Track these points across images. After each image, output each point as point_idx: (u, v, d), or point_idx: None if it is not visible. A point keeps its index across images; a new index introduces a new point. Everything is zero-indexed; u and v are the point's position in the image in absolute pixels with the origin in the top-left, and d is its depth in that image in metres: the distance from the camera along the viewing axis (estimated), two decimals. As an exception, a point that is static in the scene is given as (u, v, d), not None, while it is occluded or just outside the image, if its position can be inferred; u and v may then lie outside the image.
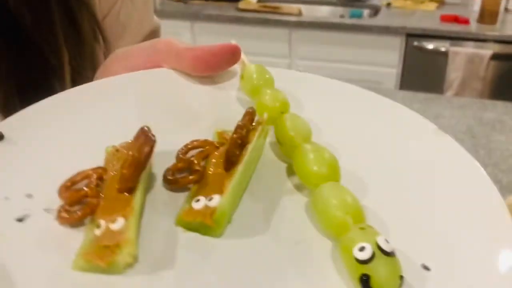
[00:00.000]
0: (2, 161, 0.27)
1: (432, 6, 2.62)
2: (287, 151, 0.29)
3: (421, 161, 0.29)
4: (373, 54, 2.47)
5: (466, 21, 2.36)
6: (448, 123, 1.26)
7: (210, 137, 0.29)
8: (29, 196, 0.25)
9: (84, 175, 0.26)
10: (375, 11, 2.65)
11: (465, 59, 2.27)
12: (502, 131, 1.21)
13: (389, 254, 0.21)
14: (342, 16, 2.62)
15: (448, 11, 2.53)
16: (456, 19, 2.38)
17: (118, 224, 0.23)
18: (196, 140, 0.29)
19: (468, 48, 2.29)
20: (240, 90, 0.35)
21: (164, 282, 0.22)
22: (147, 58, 0.36)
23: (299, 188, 0.27)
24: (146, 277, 0.22)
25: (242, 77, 0.35)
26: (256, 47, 2.61)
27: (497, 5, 2.33)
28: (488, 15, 2.34)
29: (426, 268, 0.23)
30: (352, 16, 2.58)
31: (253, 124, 0.29)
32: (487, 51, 2.25)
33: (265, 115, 0.29)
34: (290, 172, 0.28)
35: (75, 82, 0.47)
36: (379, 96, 0.36)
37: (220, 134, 0.30)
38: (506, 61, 2.29)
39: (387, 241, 0.22)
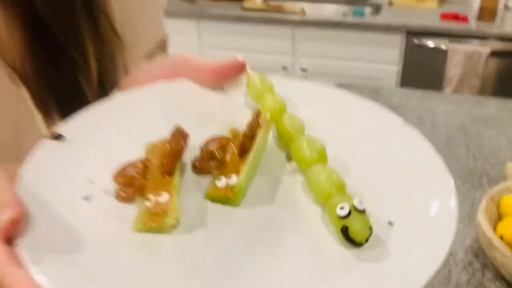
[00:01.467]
0: (66, 155, 0.35)
1: (433, 4, 2.67)
2: (286, 142, 0.38)
3: (387, 145, 0.38)
4: (374, 52, 2.53)
5: (465, 19, 2.41)
6: (442, 119, 1.32)
7: (225, 134, 0.38)
8: (90, 182, 0.34)
9: (132, 164, 0.34)
10: (377, 9, 2.70)
11: (463, 56, 2.33)
12: (493, 127, 1.27)
13: (361, 212, 0.30)
14: (344, 15, 2.68)
15: (448, 9, 2.58)
16: (456, 17, 2.43)
17: (164, 197, 0.32)
18: (214, 136, 0.38)
19: (467, 46, 2.35)
20: (247, 96, 0.44)
21: (199, 238, 0.30)
22: (169, 71, 0.44)
23: (295, 170, 0.37)
24: (186, 235, 0.31)
25: (248, 85, 0.43)
26: (261, 44, 2.67)
27: (496, 3, 2.38)
28: (487, 13, 2.39)
29: (390, 223, 0.32)
30: (355, 14, 2.64)
31: (259, 122, 0.37)
32: (486, 48, 2.31)
33: (268, 115, 0.38)
34: (288, 158, 0.38)
35: (99, 82, 0.54)
36: (358, 98, 0.43)
37: (233, 131, 0.38)
38: (505, 58, 2.35)
39: (360, 202, 0.30)
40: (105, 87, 0.52)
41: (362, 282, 0.28)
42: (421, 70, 2.50)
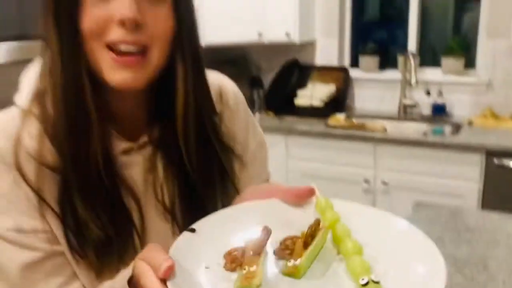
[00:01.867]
0: (196, 241, 0.57)
1: (515, 125, 2.75)
2: (337, 241, 0.58)
3: (407, 256, 0.56)
4: (455, 169, 2.61)
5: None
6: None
7: (297, 234, 0.59)
8: (210, 256, 0.55)
9: (235, 249, 0.56)
10: (457, 128, 2.83)
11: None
12: None
13: (376, 282, 0.49)
14: (425, 133, 2.82)
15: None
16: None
17: (253, 268, 0.52)
18: (290, 235, 0.60)
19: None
20: (315, 210, 0.64)
21: None
22: (267, 193, 0.68)
23: (341, 259, 0.56)
24: None
25: (316, 203, 0.64)
26: (344, 158, 2.86)
27: None
28: None
29: None
30: (435, 133, 2.77)
31: (319, 227, 0.58)
32: None
33: (325, 223, 0.59)
34: (338, 252, 0.58)
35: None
36: (394, 217, 0.62)
37: (302, 232, 0.59)
38: None
39: (376, 276, 0.50)
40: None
41: None
42: (503, 190, 2.53)
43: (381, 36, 3.57)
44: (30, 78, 0.74)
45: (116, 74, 0.66)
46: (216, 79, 0.85)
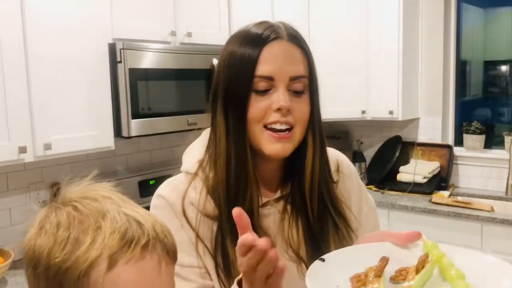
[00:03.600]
0: (325, 268, 0.73)
1: None
2: (443, 272, 0.74)
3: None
4: None
5: None
6: None
7: (408, 265, 0.75)
8: (338, 280, 0.70)
9: (359, 274, 0.73)
10: None
11: None
12: None
13: None
14: (536, 215, 2.74)
15: None
16: None
17: (376, 285, 0.69)
18: (403, 267, 0.75)
19: None
20: (422, 249, 0.80)
21: None
22: (378, 238, 0.85)
23: (446, 286, 0.72)
24: None
25: (424, 244, 0.80)
26: (448, 237, 2.82)
27: None
28: None
29: None
30: (547, 215, 2.68)
31: (427, 260, 0.74)
32: None
33: (433, 258, 0.75)
34: (444, 279, 0.73)
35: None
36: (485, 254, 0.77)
37: (412, 265, 0.74)
38: None
39: None
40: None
41: None
42: None
43: (485, 113, 3.57)
44: (193, 153, 1.00)
45: (272, 146, 0.90)
46: (333, 152, 1.07)
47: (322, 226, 0.96)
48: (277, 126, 0.89)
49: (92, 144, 2.21)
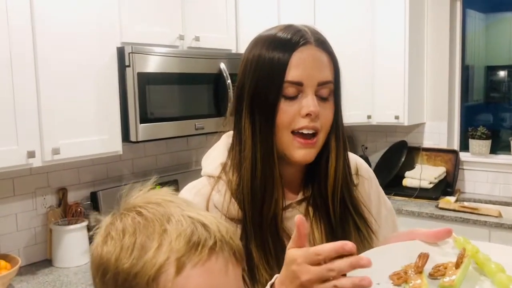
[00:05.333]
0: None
1: None
2: (480, 266, 0.75)
3: None
4: None
5: None
6: None
7: (444, 261, 0.76)
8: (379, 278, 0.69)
9: (398, 271, 0.73)
10: None
11: None
12: None
13: None
14: (544, 221, 2.73)
15: None
16: None
17: (417, 282, 0.71)
18: (440, 263, 0.76)
19: None
20: (453, 246, 0.80)
21: None
22: (408, 236, 0.85)
23: (484, 280, 0.73)
24: None
25: (456, 240, 0.81)
26: (455, 242, 2.81)
27: None
28: None
29: None
30: (555, 221, 2.67)
31: (465, 256, 0.74)
32: None
33: (469, 253, 0.75)
34: (482, 273, 0.75)
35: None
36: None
37: (450, 261, 0.75)
38: None
39: None
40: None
41: None
42: None
43: (488, 119, 3.57)
44: (213, 156, 0.99)
45: (299, 152, 0.90)
46: (351, 156, 1.06)
47: (344, 227, 0.96)
48: (304, 131, 0.89)
49: (100, 149, 2.19)
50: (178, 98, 2.43)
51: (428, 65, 3.43)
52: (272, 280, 0.78)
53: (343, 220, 0.96)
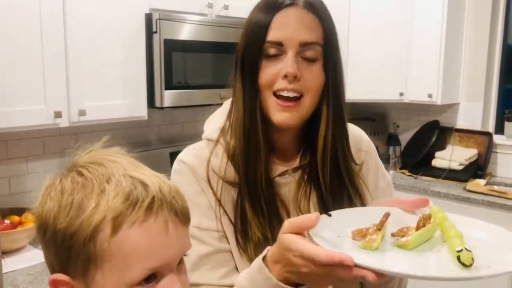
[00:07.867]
0: (331, 221, 0.75)
1: None
2: (443, 234, 0.76)
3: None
4: None
5: None
6: None
7: (410, 225, 0.78)
8: (340, 231, 0.72)
9: (361, 228, 0.76)
10: None
11: None
12: None
13: (468, 250, 0.67)
14: None
15: None
16: None
17: (374, 236, 0.72)
18: (405, 226, 0.77)
19: None
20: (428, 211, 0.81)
21: (387, 254, 0.73)
22: (389, 203, 0.86)
23: (444, 242, 0.75)
24: (380, 252, 0.73)
25: (431, 208, 0.80)
26: (481, 226, 2.75)
27: None
28: None
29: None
30: None
31: (428, 220, 0.77)
32: None
33: (436, 221, 0.77)
34: (442, 239, 0.76)
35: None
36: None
37: (417, 223, 0.77)
38: None
39: (468, 246, 0.68)
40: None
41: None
42: None
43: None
44: (214, 121, 1.01)
45: (279, 115, 0.90)
46: (356, 129, 1.07)
47: (337, 199, 0.95)
48: (285, 94, 0.89)
49: (125, 113, 2.24)
50: (204, 66, 2.45)
51: (466, 43, 3.30)
52: (264, 253, 0.79)
53: (337, 191, 0.96)
